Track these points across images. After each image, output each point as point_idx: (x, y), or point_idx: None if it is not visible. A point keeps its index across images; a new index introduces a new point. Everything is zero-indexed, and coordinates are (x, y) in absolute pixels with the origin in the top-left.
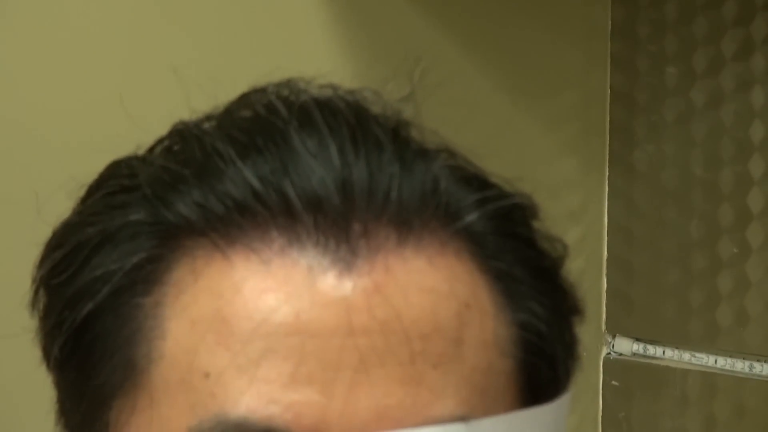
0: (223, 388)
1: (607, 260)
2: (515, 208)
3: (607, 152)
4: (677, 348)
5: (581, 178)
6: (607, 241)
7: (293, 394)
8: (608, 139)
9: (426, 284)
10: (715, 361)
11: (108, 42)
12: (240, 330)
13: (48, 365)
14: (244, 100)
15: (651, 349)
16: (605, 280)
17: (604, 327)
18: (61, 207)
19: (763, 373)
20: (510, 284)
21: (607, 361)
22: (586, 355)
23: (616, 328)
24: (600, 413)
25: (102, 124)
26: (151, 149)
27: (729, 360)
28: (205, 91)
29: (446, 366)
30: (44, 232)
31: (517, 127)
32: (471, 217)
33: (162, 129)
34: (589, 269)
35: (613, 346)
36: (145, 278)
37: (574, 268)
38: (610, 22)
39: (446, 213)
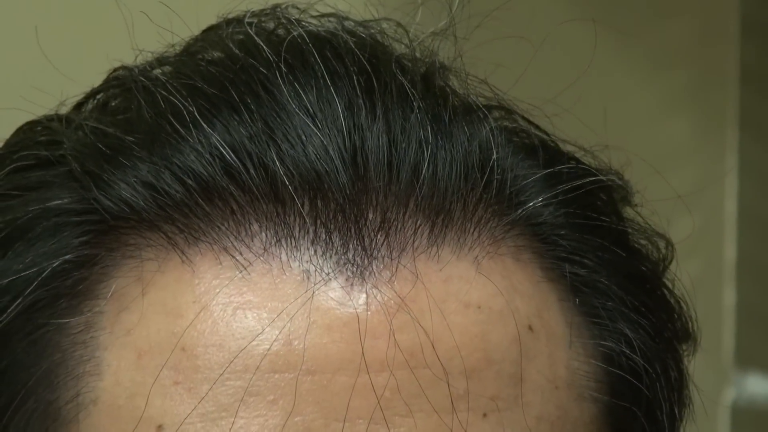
0: None
1: (736, 263)
2: (599, 190)
3: (736, 106)
4: None
5: (696, 145)
6: (736, 236)
7: None
8: (737, 86)
9: (472, 298)
10: None
11: None
12: (207, 364)
13: None
14: (212, 36)
15: None
16: (732, 291)
17: (730, 359)
18: None
19: None
20: (592, 298)
21: (735, 408)
22: (704, 400)
23: (747, 360)
24: None
25: (9, 69)
26: (80, 106)
27: None
28: (157, 21)
29: (501, 414)
30: None
31: (603, 73)
32: (536, 203)
33: (95, 77)
34: (707, 276)
35: (743, 387)
36: (72, 290)
37: (685, 275)
38: None
39: (500, 196)
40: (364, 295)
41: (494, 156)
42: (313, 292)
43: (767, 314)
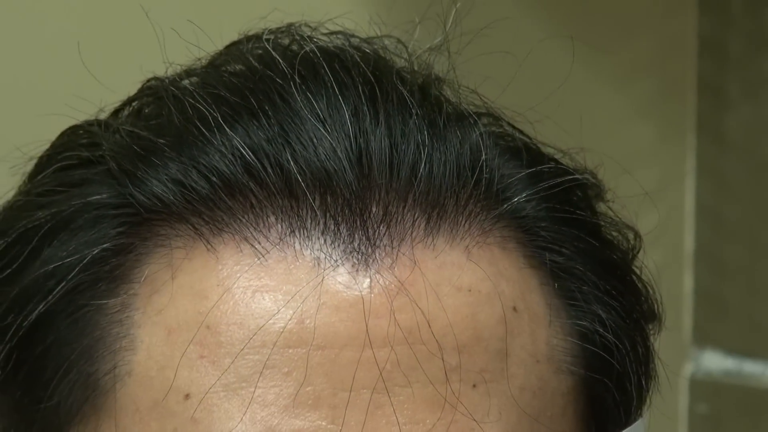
0: (207, 412)
1: (694, 253)
2: (575, 188)
3: (694, 114)
4: None
5: (659, 148)
6: (694, 229)
7: (296, 420)
8: (695, 96)
9: (463, 282)
10: None
11: None
12: (229, 340)
13: None
14: (234, 50)
15: (749, 366)
16: (690, 277)
17: (689, 338)
18: (3, 184)
19: None
20: (569, 283)
21: (693, 381)
22: (666, 374)
23: (704, 338)
24: None
25: (54, 79)
26: (117, 112)
27: None
28: (185, 38)
29: (488, 385)
30: None
31: (578, 84)
32: (520, 198)
33: (131, 86)
34: (669, 264)
35: (700, 362)
36: (110, 274)
37: (650, 263)
38: None
39: (488, 193)
40: (368, 280)
41: (483, 157)
42: (323, 277)
43: (721, 298)
